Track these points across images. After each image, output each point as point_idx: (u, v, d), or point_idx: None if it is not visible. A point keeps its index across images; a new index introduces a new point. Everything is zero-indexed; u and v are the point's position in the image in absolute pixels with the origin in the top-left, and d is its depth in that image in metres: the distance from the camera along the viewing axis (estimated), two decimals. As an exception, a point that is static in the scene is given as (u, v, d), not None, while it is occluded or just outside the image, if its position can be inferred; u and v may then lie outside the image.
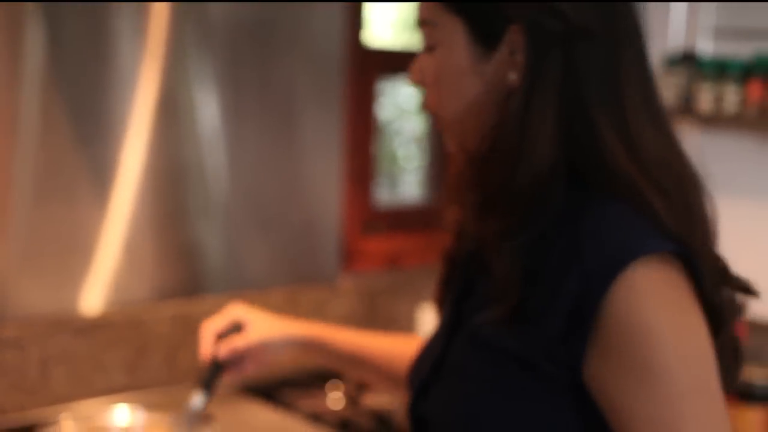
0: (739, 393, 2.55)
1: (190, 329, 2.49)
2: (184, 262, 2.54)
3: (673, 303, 1.16)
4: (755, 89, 2.47)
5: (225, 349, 1.71)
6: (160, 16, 2.42)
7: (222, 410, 2.03)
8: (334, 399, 2.52)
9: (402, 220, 3.07)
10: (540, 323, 1.18)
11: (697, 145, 2.75)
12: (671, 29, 2.74)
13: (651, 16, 2.67)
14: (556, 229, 1.19)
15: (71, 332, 2.33)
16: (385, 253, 2.97)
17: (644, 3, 2.69)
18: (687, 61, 2.63)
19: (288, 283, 2.72)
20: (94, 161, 2.37)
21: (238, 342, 1.72)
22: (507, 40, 1.23)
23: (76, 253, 2.36)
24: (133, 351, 2.43)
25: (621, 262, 1.14)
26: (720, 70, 2.55)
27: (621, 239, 1.16)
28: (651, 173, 1.19)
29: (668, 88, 2.65)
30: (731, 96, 2.52)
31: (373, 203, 2.98)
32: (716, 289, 1.21)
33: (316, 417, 2.39)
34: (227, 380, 1.77)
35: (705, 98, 2.57)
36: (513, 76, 1.23)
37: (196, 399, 1.73)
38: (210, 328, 1.75)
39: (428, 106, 1.33)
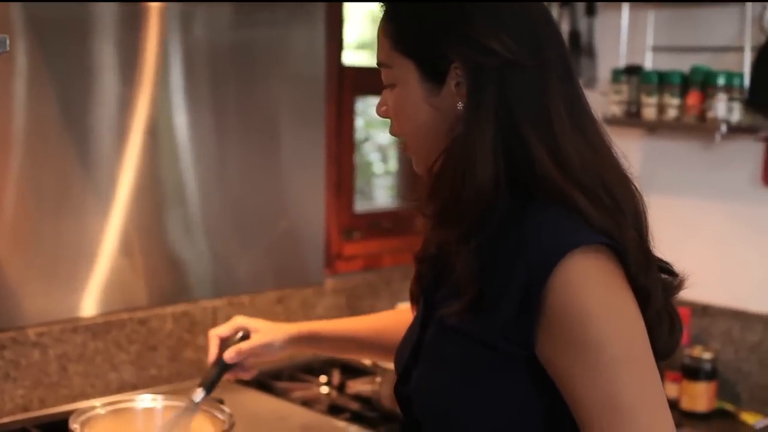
0: (686, 371, 2.81)
1: (191, 329, 2.75)
2: (182, 269, 2.75)
3: (603, 286, 1.37)
4: (693, 98, 2.74)
5: (231, 352, 2.00)
6: (148, 41, 2.62)
7: (226, 398, 2.26)
8: (322, 388, 2.77)
9: (377, 225, 3.32)
10: (496, 310, 1.39)
11: (643, 149, 3.01)
12: (620, 48, 3.01)
13: (601, 37, 2.97)
14: (502, 230, 1.41)
15: (85, 333, 2.56)
16: (363, 256, 3.23)
17: (594, 26, 3.01)
18: (632, 74, 2.90)
19: (277, 286, 2.95)
20: (96, 179, 2.56)
21: (243, 345, 2.01)
22: (451, 76, 1.45)
23: (85, 261, 2.55)
24: (141, 350, 2.67)
25: (557, 254, 1.35)
26: (662, 81, 2.83)
27: (555, 236, 1.37)
28: (577, 179, 1.40)
29: (616, 99, 2.93)
30: (672, 104, 2.80)
31: (353, 210, 3.24)
32: (642, 273, 1.40)
33: (308, 403, 2.64)
34: (229, 379, 2.08)
35: (649, 107, 2.84)
36: (460, 106, 1.45)
37: (197, 394, 2.00)
38: (215, 333, 2.05)
39: (395, 133, 1.56)
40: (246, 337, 2.03)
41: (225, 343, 2.03)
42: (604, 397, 1.34)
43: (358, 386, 2.76)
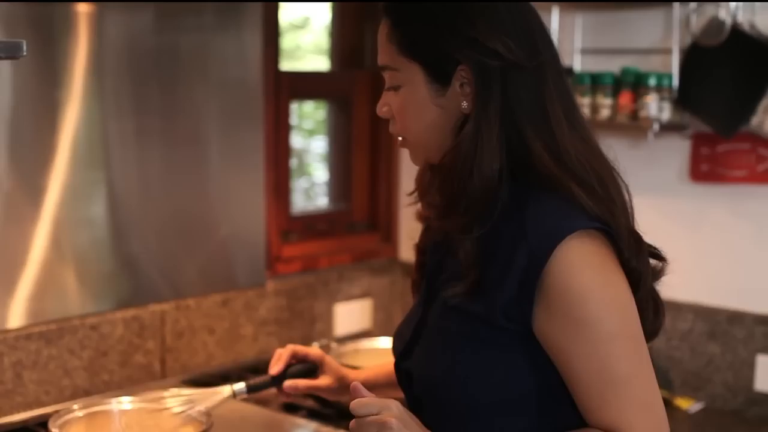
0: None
1: (141, 334, 2.77)
2: (128, 276, 2.76)
3: (598, 267, 1.48)
4: (625, 98, 2.86)
5: (290, 383, 2.02)
6: (77, 45, 2.60)
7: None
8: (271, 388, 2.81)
9: (313, 227, 3.38)
10: (497, 291, 1.49)
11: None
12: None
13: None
14: (503, 219, 1.51)
15: (39, 340, 2.56)
16: (301, 258, 3.28)
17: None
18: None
19: (222, 289, 2.99)
20: (33, 188, 2.55)
21: (302, 383, 2.02)
22: (457, 77, 1.55)
23: (22, 268, 2.55)
24: (93, 355, 2.68)
25: (555, 239, 1.46)
26: (594, 82, 2.94)
27: (553, 222, 1.48)
28: (573, 171, 1.52)
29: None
30: (605, 104, 2.91)
31: (290, 213, 3.29)
32: (633, 257, 1.52)
33: (262, 402, 2.67)
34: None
35: (582, 107, 2.94)
36: (465, 104, 1.55)
37: (240, 387, 2.02)
38: (290, 349, 2.04)
39: (396, 132, 1.64)
40: (314, 369, 2.03)
41: (295, 358, 2.04)
42: (600, 370, 1.45)
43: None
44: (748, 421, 2.80)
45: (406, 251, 3.51)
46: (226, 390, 2.05)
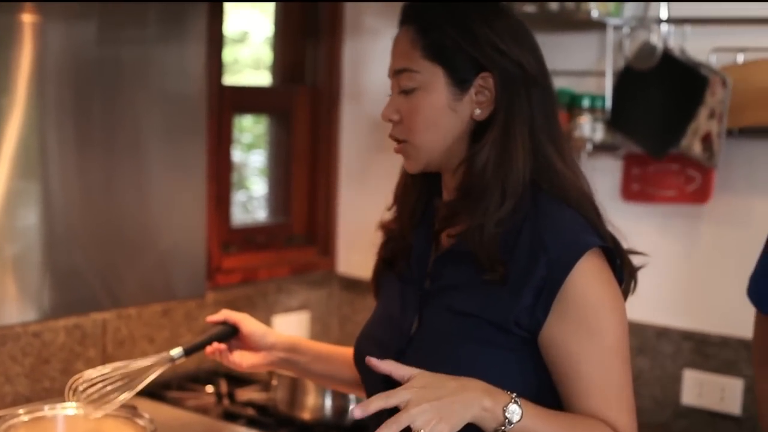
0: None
1: (82, 342, 2.80)
2: (69, 284, 2.77)
3: (607, 283, 1.62)
4: (561, 118, 2.94)
5: (219, 315, 2.05)
6: (20, 56, 2.61)
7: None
8: (211, 396, 2.86)
9: (252, 239, 3.42)
10: (512, 296, 1.60)
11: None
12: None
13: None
14: (519, 223, 1.63)
15: (-19, 348, 2.59)
16: (240, 269, 3.32)
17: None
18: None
19: (163, 299, 3.02)
20: None
21: (228, 313, 2.05)
22: (476, 84, 1.65)
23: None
24: (34, 362, 2.70)
25: (578, 252, 1.58)
26: (530, 103, 3.02)
27: (572, 235, 1.61)
28: (580, 187, 1.67)
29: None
30: (541, 124, 3.00)
31: (230, 225, 3.33)
32: (627, 271, 1.68)
33: (202, 411, 2.72)
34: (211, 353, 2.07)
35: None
36: (478, 112, 1.66)
37: (175, 352, 2.02)
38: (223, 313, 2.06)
39: (401, 136, 1.71)
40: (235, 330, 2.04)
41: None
42: (604, 375, 1.59)
43: (248, 394, 2.86)
44: (674, 433, 2.90)
45: (344, 265, 3.57)
46: (164, 358, 2.03)
